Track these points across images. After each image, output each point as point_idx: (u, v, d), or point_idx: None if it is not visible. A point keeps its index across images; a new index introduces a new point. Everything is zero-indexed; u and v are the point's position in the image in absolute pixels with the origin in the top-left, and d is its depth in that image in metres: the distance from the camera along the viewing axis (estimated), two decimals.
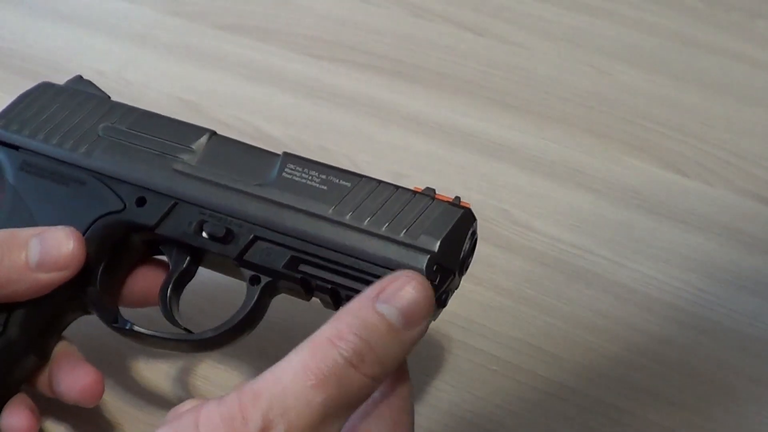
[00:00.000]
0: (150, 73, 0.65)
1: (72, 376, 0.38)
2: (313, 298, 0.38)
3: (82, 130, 0.40)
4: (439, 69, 0.66)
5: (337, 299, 0.36)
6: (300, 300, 0.38)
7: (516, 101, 0.63)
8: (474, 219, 0.37)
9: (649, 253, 0.52)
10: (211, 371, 0.45)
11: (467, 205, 0.36)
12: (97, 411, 0.43)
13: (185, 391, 0.44)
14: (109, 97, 0.42)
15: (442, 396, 0.44)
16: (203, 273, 0.40)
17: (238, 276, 0.38)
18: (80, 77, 0.43)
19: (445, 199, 0.36)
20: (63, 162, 0.39)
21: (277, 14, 0.71)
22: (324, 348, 0.29)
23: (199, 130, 0.39)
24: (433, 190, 0.36)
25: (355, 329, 0.29)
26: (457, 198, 0.36)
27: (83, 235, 0.37)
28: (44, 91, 0.41)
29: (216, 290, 0.45)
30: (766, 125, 0.62)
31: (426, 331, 0.31)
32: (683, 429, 0.43)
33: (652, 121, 0.62)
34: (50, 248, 0.36)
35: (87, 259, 0.37)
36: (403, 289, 0.30)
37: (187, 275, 0.39)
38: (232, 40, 0.68)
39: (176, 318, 0.38)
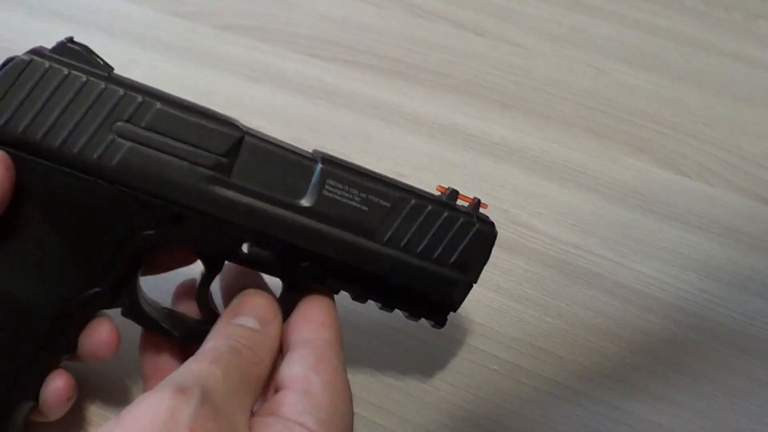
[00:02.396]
0: (150, 73, 0.65)
1: (88, 328, 0.37)
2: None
3: (92, 128, 0.34)
4: (439, 69, 0.66)
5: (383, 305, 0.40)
6: None
7: (516, 101, 0.63)
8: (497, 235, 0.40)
9: (649, 253, 0.52)
10: None
11: (489, 220, 0.39)
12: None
13: None
14: (111, 69, 0.35)
15: (442, 396, 0.44)
16: None
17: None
18: (66, 43, 0.34)
19: (467, 200, 0.39)
20: (77, 173, 0.34)
21: (277, 14, 0.71)
22: (214, 337, 0.35)
23: (225, 133, 0.35)
24: (456, 192, 0.39)
25: (223, 337, 0.35)
26: (476, 199, 0.39)
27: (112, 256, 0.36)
28: (30, 70, 0.33)
29: None
30: (766, 125, 0.62)
31: (280, 325, 0.36)
32: (683, 429, 0.43)
33: (652, 121, 0.62)
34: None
35: (121, 274, 0.36)
36: (247, 302, 0.37)
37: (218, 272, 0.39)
38: (232, 40, 0.68)
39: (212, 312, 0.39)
